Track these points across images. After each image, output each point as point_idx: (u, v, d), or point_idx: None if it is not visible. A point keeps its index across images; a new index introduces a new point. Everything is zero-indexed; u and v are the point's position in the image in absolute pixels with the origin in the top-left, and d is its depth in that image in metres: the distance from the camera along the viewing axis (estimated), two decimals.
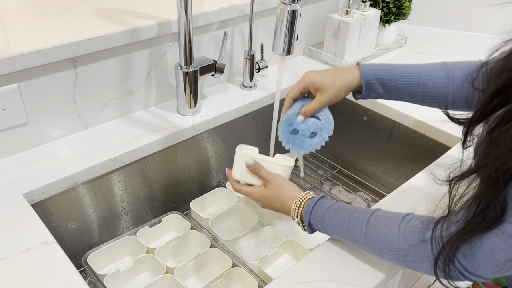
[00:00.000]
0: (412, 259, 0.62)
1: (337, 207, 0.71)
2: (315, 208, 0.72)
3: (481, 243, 0.55)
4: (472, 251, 0.56)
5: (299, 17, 0.83)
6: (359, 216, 0.68)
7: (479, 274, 0.57)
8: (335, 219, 0.70)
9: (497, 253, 0.54)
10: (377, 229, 0.66)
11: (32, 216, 0.79)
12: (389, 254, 0.65)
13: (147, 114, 1.08)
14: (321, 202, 0.72)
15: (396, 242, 0.63)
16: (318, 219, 0.71)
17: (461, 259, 0.57)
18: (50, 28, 0.95)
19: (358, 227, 0.67)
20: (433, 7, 1.58)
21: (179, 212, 1.05)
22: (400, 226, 0.64)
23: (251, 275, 0.88)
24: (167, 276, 0.88)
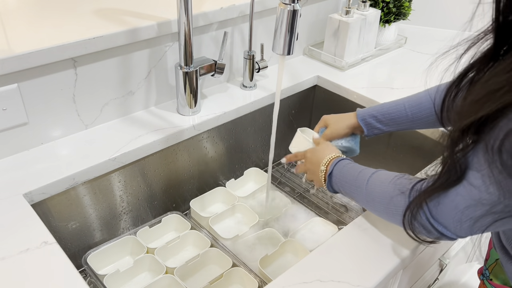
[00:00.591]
0: (390, 207, 0.71)
1: (354, 165, 0.82)
2: (340, 162, 0.83)
3: (447, 194, 0.61)
4: (438, 198, 0.62)
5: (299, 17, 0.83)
6: (368, 170, 0.78)
7: (442, 221, 0.62)
8: (351, 170, 0.81)
9: (459, 199, 0.60)
10: (378, 179, 0.75)
11: (32, 216, 0.79)
12: (377, 199, 0.73)
13: (147, 114, 1.08)
14: (345, 160, 0.84)
15: (385, 191, 0.72)
16: (339, 172, 0.82)
17: (429, 205, 0.63)
18: (50, 28, 0.95)
19: (365, 175, 0.77)
20: (433, 7, 1.58)
21: (179, 212, 1.05)
22: (393, 179, 0.72)
23: (251, 275, 0.88)
24: (167, 276, 0.88)
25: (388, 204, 0.71)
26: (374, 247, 0.77)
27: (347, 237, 0.79)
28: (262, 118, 1.23)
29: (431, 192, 0.63)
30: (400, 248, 0.77)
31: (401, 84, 1.25)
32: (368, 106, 1.20)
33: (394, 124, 0.94)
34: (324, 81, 1.30)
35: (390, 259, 0.75)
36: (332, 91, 1.28)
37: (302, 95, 1.31)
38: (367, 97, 1.19)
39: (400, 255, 0.75)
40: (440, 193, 0.62)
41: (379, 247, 0.77)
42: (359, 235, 0.79)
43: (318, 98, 1.34)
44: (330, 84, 1.28)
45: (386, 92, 1.21)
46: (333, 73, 1.31)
